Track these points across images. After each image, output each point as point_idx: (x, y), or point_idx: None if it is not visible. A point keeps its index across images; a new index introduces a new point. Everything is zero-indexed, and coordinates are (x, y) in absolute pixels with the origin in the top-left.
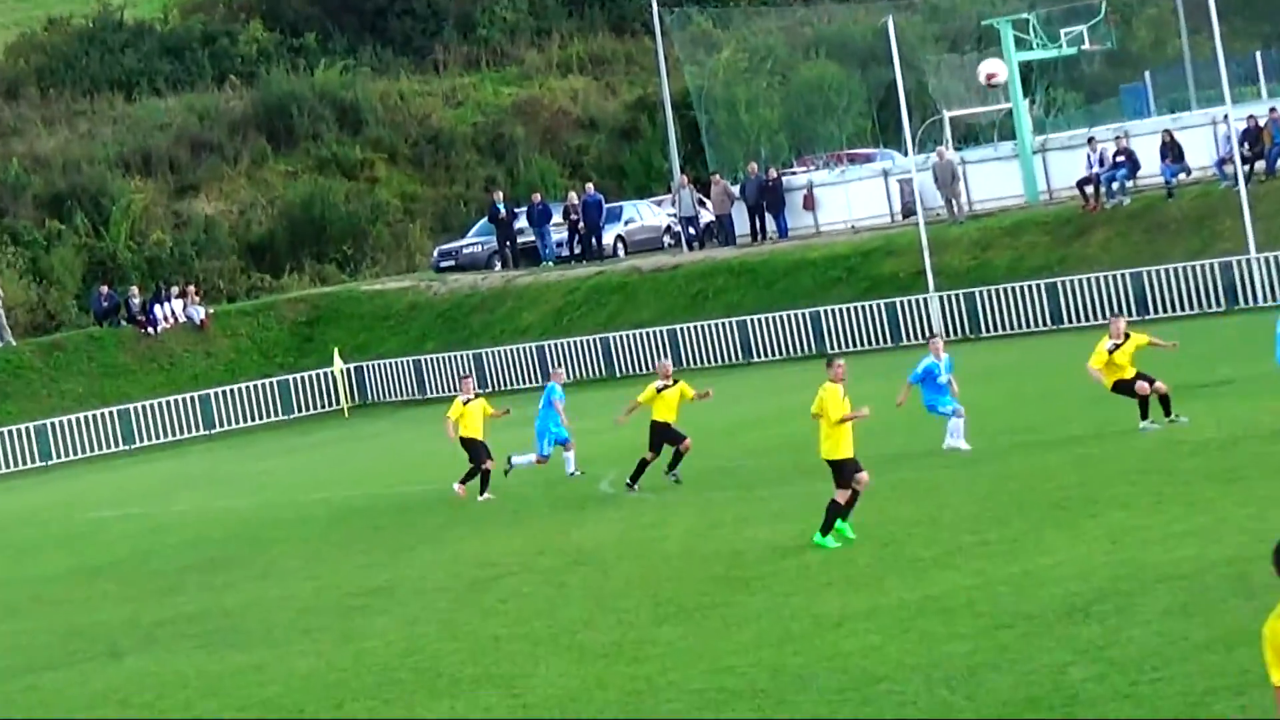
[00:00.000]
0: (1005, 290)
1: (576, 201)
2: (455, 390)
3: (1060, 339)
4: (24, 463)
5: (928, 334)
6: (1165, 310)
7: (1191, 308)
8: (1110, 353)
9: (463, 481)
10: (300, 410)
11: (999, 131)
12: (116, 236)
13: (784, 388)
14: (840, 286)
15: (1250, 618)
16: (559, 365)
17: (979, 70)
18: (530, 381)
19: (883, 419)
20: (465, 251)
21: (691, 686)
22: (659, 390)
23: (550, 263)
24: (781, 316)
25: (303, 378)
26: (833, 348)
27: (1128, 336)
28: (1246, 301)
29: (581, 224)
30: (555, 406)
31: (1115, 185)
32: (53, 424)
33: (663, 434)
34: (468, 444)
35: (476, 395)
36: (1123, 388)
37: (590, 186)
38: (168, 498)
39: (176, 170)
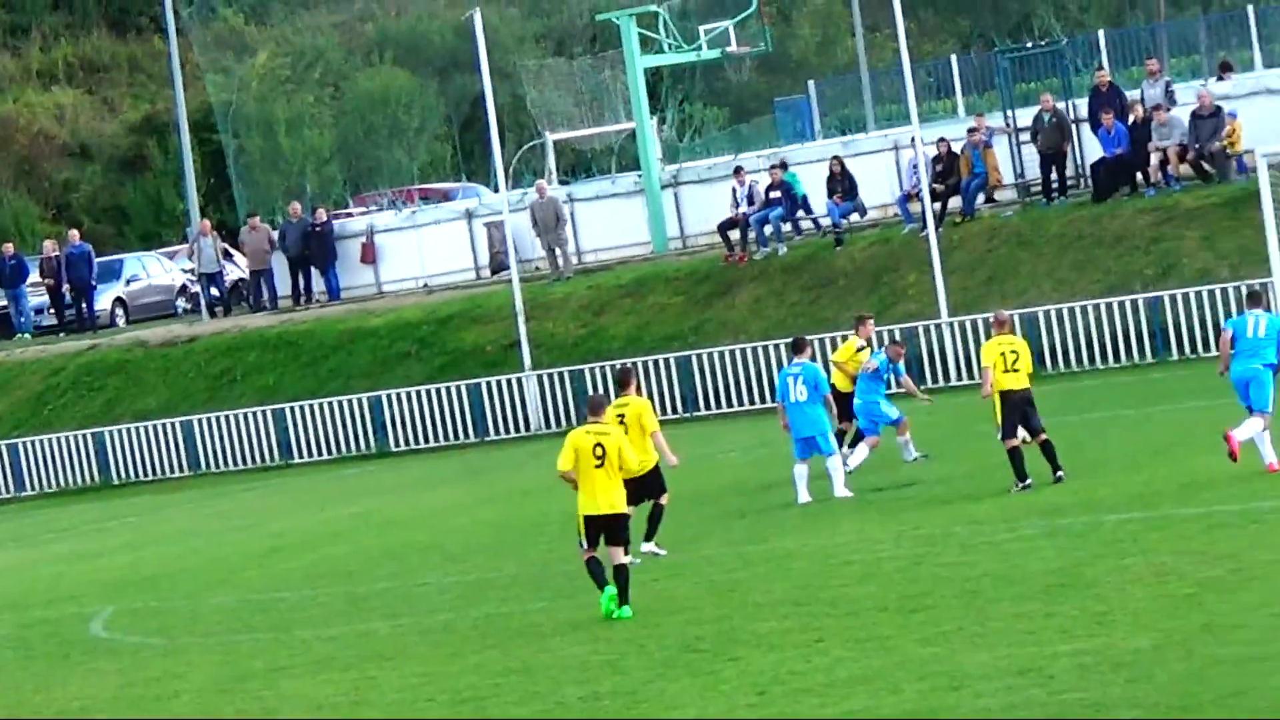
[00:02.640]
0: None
1: (55, 253)
2: None
3: (693, 428)
4: None
5: (524, 428)
6: None
7: None
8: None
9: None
10: None
11: (618, 160)
12: None
13: (333, 497)
14: (409, 363)
15: None
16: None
17: None
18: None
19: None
20: None
21: None
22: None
23: (27, 335)
24: (332, 404)
25: None
26: (398, 442)
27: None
28: (937, 379)
29: (66, 284)
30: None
31: (768, 229)
32: None
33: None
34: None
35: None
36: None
37: (76, 234)
38: None
39: None
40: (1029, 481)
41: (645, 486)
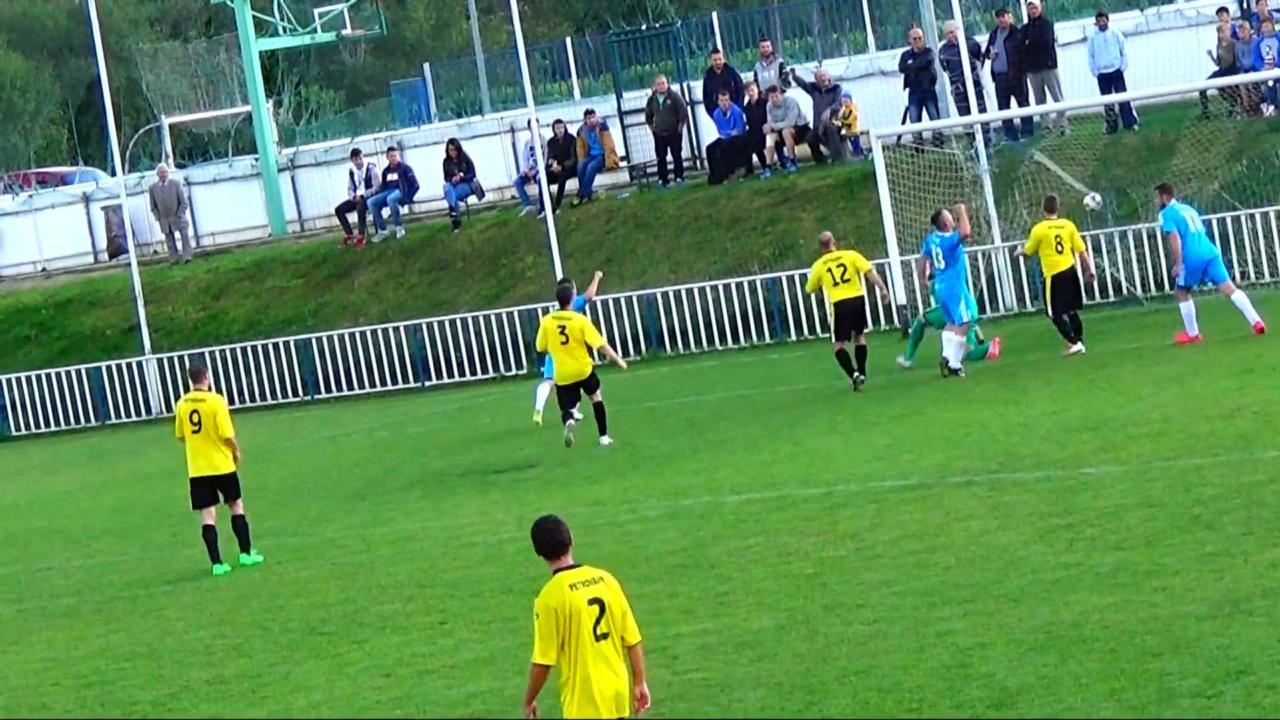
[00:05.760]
0: (244, 350)
1: None
2: None
3: (316, 411)
4: None
5: (145, 411)
6: (452, 374)
7: (486, 370)
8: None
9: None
10: None
11: (235, 143)
12: None
13: None
14: (29, 348)
15: None
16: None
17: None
18: None
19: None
20: None
21: None
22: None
23: None
24: None
25: None
26: (18, 427)
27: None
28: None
29: None
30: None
31: (386, 212)
32: None
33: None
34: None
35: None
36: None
37: None
38: None
39: None
40: (859, 377)
41: (586, 383)
